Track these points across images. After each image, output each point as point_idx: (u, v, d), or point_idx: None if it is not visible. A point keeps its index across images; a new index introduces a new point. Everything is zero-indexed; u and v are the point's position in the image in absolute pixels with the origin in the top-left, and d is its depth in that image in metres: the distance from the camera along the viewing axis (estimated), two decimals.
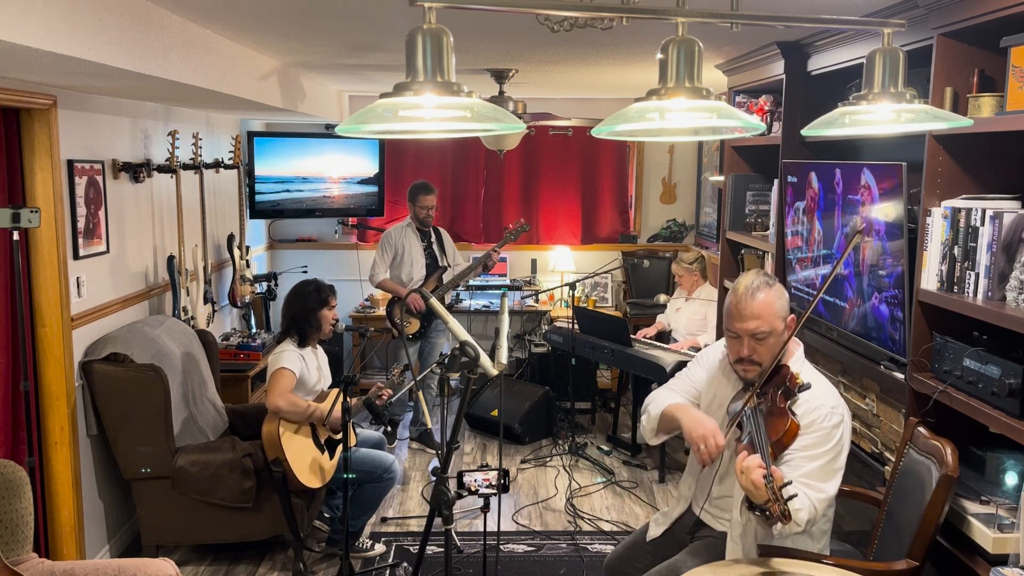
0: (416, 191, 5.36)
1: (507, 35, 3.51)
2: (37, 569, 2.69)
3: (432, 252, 5.43)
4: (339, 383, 3.36)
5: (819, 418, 2.27)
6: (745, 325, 2.33)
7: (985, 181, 2.60)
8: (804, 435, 2.26)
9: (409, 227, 5.41)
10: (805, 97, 3.79)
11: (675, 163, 7.02)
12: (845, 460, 2.32)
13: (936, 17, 2.54)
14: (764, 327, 2.32)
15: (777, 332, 2.34)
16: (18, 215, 2.95)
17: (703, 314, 5.35)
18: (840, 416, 2.30)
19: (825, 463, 2.25)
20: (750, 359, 2.35)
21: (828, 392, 2.37)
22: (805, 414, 2.28)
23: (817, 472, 2.23)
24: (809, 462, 2.24)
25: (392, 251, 5.36)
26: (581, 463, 5.19)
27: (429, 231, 5.45)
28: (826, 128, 1.90)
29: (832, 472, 2.26)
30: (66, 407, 3.46)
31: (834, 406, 2.31)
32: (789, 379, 2.29)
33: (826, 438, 2.26)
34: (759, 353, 2.34)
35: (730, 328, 2.38)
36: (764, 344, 2.33)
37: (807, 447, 2.26)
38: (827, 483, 2.24)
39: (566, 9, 1.81)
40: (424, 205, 5.33)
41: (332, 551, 3.96)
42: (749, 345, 2.34)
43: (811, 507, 2.17)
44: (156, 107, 4.49)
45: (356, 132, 1.47)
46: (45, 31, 2.18)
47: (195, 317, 4.56)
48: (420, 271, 5.35)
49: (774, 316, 2.33)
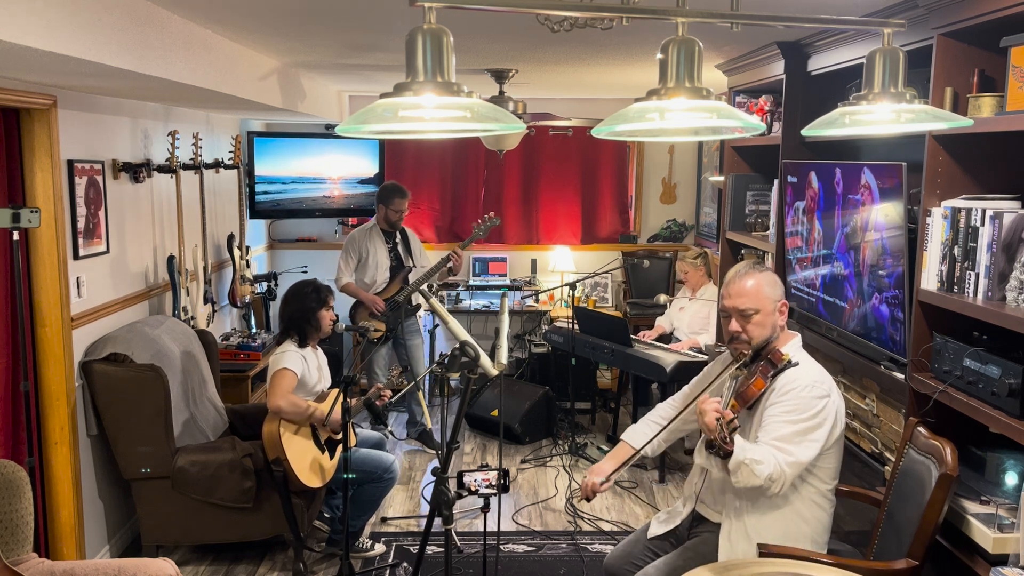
0: (391, 193, 5.26)
1: (507, 35, 3.51)
2: (37, 569, 2.69)
3: (397, 253, 5.35)
4: (339, 383, 3.36)
5: (799, 387, 2.38)
6: (732, 302, 2.49)
7: (985, 181, 2.60)
8: (781, 402, 2.38)
9: (374, 229, 5.33)
10: (805, 97, 3.79)
11: (675, 163, 7.02)
12: (828, 435, 2.39)
13: (936, 17, 2.54)
14: (751, 304, 2.46)
15: (766, 311, 2.48)
16: (18, 215, 2.95)
17: (706, 313, 5.35)
18: (824, 391, 2.40)
19: (800, 429, 2.34)
20: (739, 337, 2.49)
21: (815, 370, 2.47)
22: (785, 384, 2.40)
23: (790, 436, 2.33)
24: (783, 426, 2.35)
25: (357, 254, 5.29)
26: (581, 463, 5.19)
27: (395, 232, 5.37)
28: (826, 128, 1.90)
29: (808, 441, 2.35)
30: (66, 407, 3.46)
31: (818, 381, 2.41)
32: (775, 355, 2.43)
33: (804, 406, 2.36)
34: (748, 331, 2.48)
35: (722, 307, 2.56)
36: (751, 322, 2.47)
37: (783, 412, 2.37)
38: (799, 448, 2.33)
39: (566, 9, 1.82)
40: (399, 208, 5.25)
41: (332, 551, 3.96)
42: (738, 322, 2.49)
43: (776, 465, 2.27)
44: (156, 107, 4.49)
45: (356, 132, 1.47)
46: (45, 31, 2.18)
47: (195, 317, 4.57)
48: (384, 274, 5.29)
49: (761, 296, 2.48)
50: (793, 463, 2.31)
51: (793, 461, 2.31)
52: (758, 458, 2.23)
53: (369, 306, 5.23)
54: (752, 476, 2.23)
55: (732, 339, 2.52)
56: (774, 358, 2.42)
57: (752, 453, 2.23)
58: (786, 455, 2.30)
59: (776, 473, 2.26)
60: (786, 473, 2.29)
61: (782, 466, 2.28)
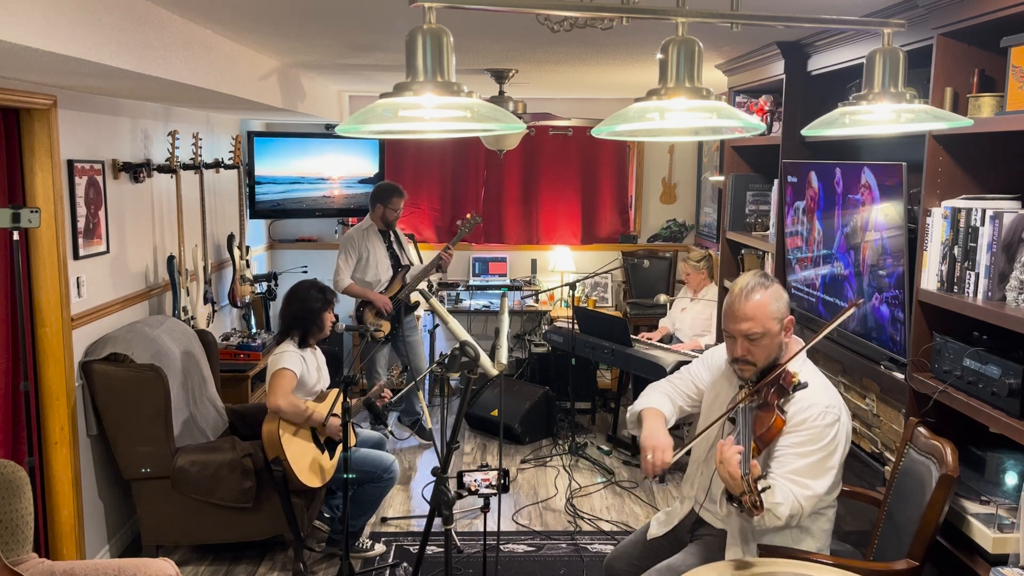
0: (389, 193, 5.32)
1: (507, 35, 3.51)
2: (37, 569, 2.69)
3: (394, 252, 5.43)
4: (339, 383, 3.36)
5: (811, 416, 2.29)
6: (739, 326, 2.36)
7: (985, 181, 2.60)
8: (795, 432, 2.28)
9: (371, 229, 5.38)
10: (805, 97, 3.79)
11: (675, 163, 7.02)
12: (840, 459, 2.33)
13: (936, 17, 2.54)
14: (757, 328, 2.34)
15: (772, 333, 2.35)
16: (18, 215, 2.95)
17: (708, 314, 5.34)
18: (835, 416, 2.31)
19: (815, 461, 2.26)
20: (744, 359, 2.38)
21: (825, 391, 2.38)
22: (797, 412, 2.30)
23: (806, 469, 2.25)
24: (798, 459, 2.26)
25: (356, 254, 5.33)
26: (581, 463, 5.19)
27: (390, 232, 5.43)
28: (826, 128, 1.90)
29: (823, 470, 2.27)
30: (66, 407, 3.46)
31: (829, 405, 2.32)
32: (784, 378, 2.32)
33: (818, 436, 2.27)
34: (753, 353, 2.37)
35: (725, 328, 2.42)
36: (758, 345, 2.35)
37: (797, 444, 2.28)
38: (816, 480, 2.25)
39: (566, 9, 1.81)
40: (397, 208, 5.34)
41: (332, 551, 3.96)
42: (743, 345, 2.37)
43: (794, 502, 2.20)
44: (156, 107, 4.49)
45: (356, 132, 1.47)
46: (45, 31, 2.18)
47: (195, 317, 4.57)
48: (386, 272, 5.35)
49: (768, 317, 2.34)
50: (811, 496, 2.24)
51: (811, 495, 2.24)
52: (779, 500, 2.16)
53: (379, 306, 5.26)
54: (774, 519, 2.17)
55: (736, 360, 2.41)
56: (784, 383, 2.31)
57: (773, 498, 2.15)
58: (803, 488, 2.23)
59: (795, 510, 2.20)
60: (804, 508, 2.22)
61: (800, 501, 2.21)
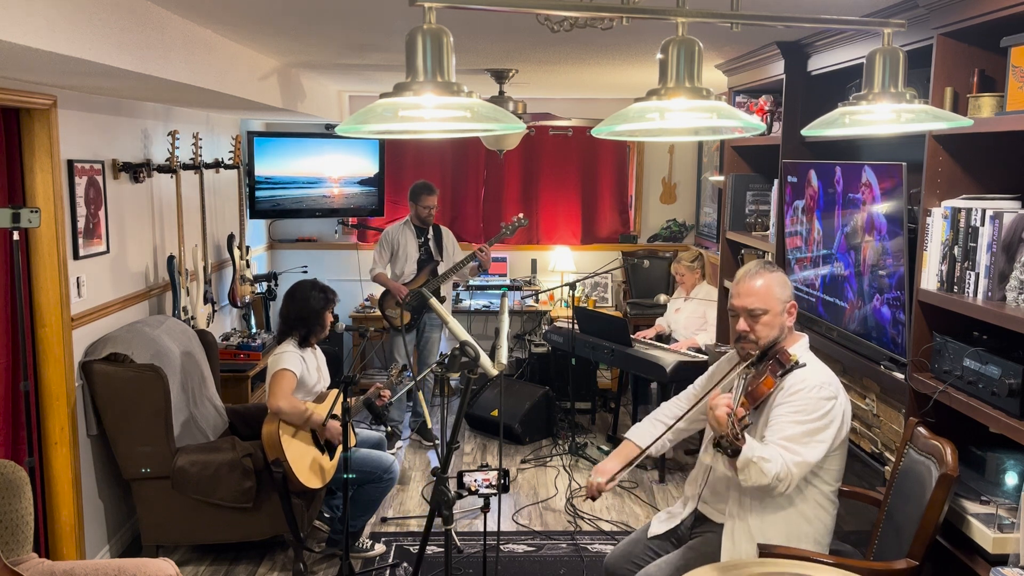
0: (419, 191, 5.55)
1: (507, 35, 3.50)
2: (37, 569, 2.69)
3: (428, 248, 5.60)
4: (339, 383, 3.36)
5: (807, 388, 2.38)
6: (741, 302, 2.49)
7: (985, 181, 2.60)
8: (789, 402, 2.38)
9: (407, 225, 5.62)
10: (805, 97, 3.79)
11: (675, 163, 7.02)
12: (834, 437, 2.39)
13: (936, 17, 2.54)
14: (759, 304, 2.46)
15: (774, 312, 2.47)
16: (18, 215, 2.95)
17: (702, 312, 5.35)
18: (832, 393, 2.40)
19: (807, 430, 2.34)
20: (747, 337, 2.49)
21: (823, 372, 2.47)
22: (793, 384, 2.40)
23: (798, 436, 2.34)
24: (791, 426, 2.35)
25: (389, 248, 5.60)
26: (581, 463, 5.19)
27: (427, 228, 5.61)
28: (826, 128, 1.90)
29: (815, 442, 2.35)
30: (66, 407, 3.46)
31: (826, 382, 2.41)
32: (783, 355, 2.42)
33: (812, 407, 2.36)
34: (755, 331, 2.48)
35: (730, 307, 2.55)
36: (759, 322, 2.47)
37: (791, 412, 2.37)
38: (806, 448, 2.33)
39: (566, 9, 1.81)
40: (426, 205, 5.53)
41: (332, 551, 3.96)
42: (745, 322, 2.49)
43: (783, 464, 2.26)
44: (156, 107, 4.49)
45: (356, 132, 1.47)
46: (46, 31, 2.18)
47: (195, 317, 4.56)
48: (412, 265, 5.55)
49: (770, 296, 2.47)
50: (800, 463, 2.30)
51: (800, 461, 2.30)
52: (766, 456, 2.22)
53: (393, 293, 5.50)
54: (760, 474, 2.21)
55: (739, 338, 2.51)
56: (782, 358, 2.41)
57: (761, 451, 2.22)
58: (793, 455, 2.29)
59: (783, 472, 2.25)
60: (793, 473, 2.28)
61: (789, 466, 2.27)
